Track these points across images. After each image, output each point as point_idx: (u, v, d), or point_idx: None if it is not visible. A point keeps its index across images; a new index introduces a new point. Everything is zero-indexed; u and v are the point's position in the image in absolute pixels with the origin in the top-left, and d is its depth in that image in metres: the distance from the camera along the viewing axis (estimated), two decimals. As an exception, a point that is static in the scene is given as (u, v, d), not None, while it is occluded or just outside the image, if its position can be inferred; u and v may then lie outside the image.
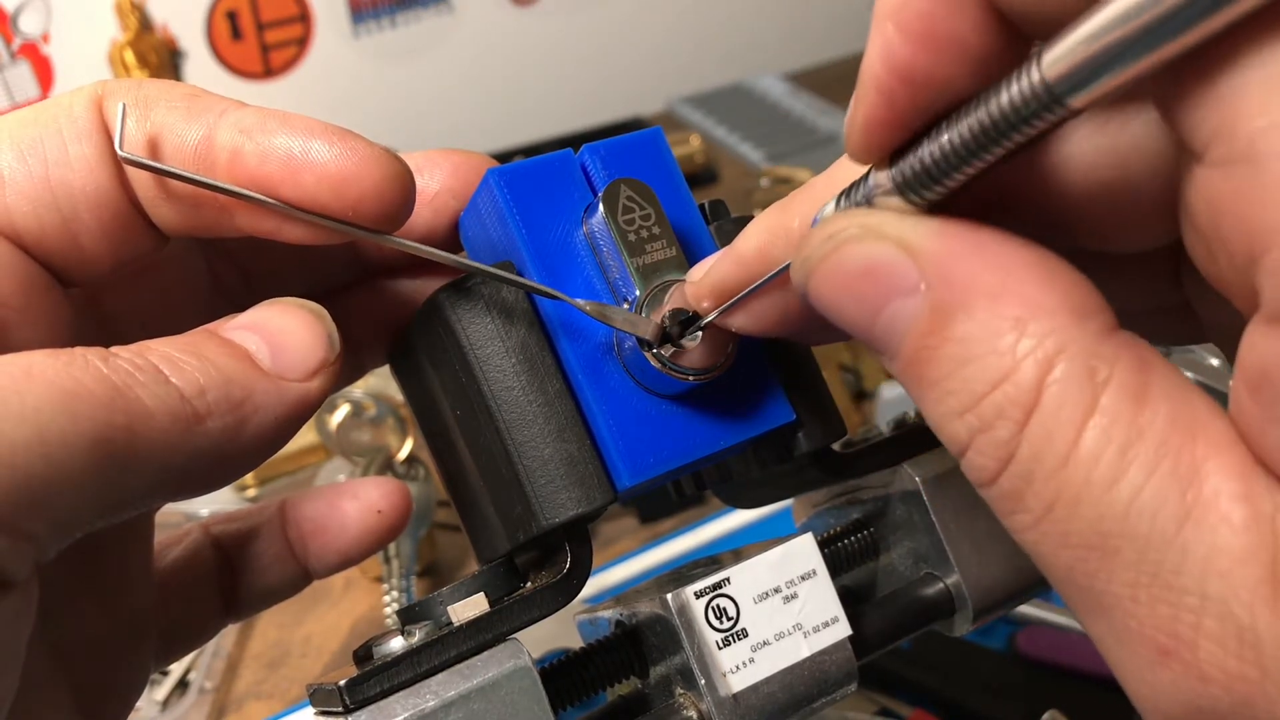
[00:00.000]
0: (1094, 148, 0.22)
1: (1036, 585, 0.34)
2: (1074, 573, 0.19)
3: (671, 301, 0.28)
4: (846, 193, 0.23)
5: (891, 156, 0.22)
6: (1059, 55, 0.18)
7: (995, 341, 0.19)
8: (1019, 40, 0.20)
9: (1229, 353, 0.19)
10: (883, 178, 0.22)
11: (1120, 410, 0.18)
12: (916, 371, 0.21)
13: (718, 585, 0.29)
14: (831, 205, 0.24)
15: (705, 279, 0.27)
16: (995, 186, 0.23)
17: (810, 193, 0.25)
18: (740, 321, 0.27)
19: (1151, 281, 0.25)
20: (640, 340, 0.28)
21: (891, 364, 0.22)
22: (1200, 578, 0.17)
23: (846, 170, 0.25)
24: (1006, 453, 0.19)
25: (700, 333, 0.27)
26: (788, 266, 0.24)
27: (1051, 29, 0.18)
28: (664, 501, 0.77)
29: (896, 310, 0.21)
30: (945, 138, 0.20)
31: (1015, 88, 0.19)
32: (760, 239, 0.26)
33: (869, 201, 0.22)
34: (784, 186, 1.06)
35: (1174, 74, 0.18)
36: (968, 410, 0.20)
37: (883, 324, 0.21)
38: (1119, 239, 0.24)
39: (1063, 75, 0.18)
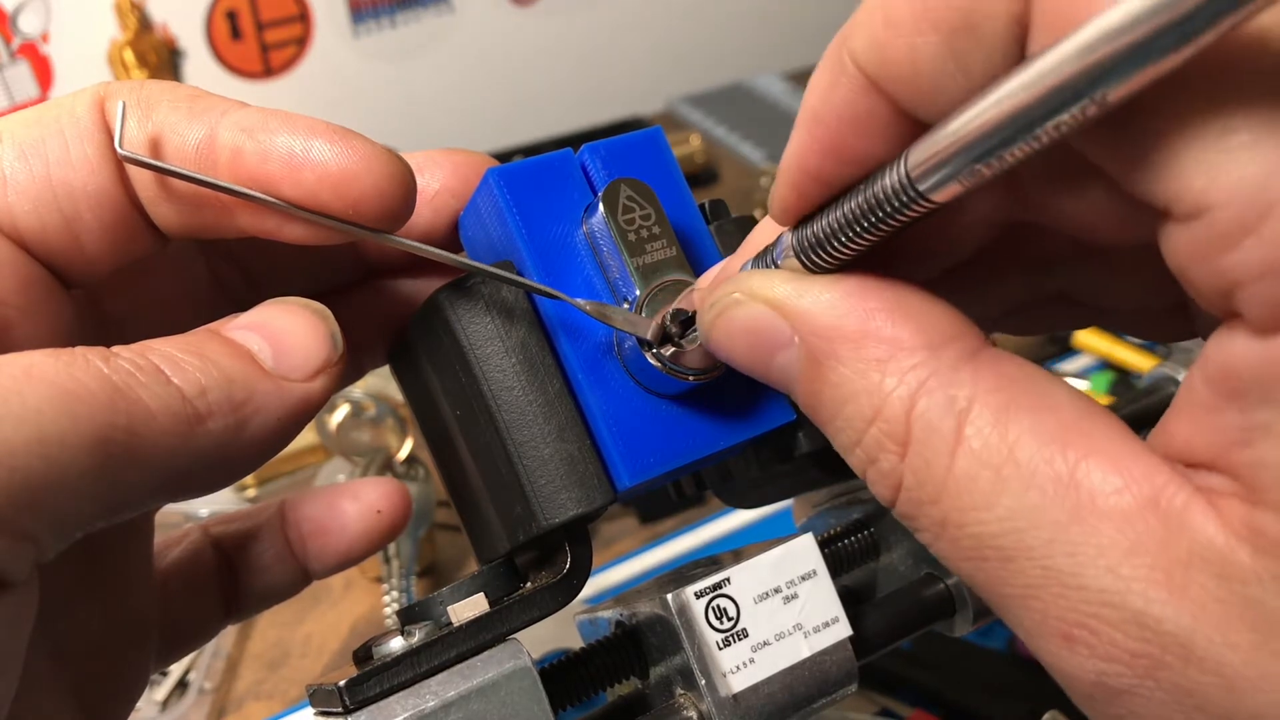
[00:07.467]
0: (1066, 203, 0.23)
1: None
2: (976, 578, 0.21)
3: (679, 304, 0.28)
4: (761, 254, 0.25)
5: (797, 223, 0.24)
6: (920, 154, 0.20)
7: (863, 382, 0.21)
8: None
9: None
10: (788, 242, 0.24)
11: (986, 434, 0.20)
12: (811, 412, 0.23)
13: (718, 585, 0.29)
14: (749, 264, 0.26)
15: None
16: (1008, 199, 0.24)
17: None
18: None
19: (1149, 278, 0.25)
20: (640, 340, 0.28)
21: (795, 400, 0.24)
22: (1092, 575, 0.19)
23: None
24: (894, 481, 0.22)
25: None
26: None
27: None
28: (664, 501, 0.77)
29: (782, 360, 0.23)
30: (832, 216, 0.22)
31: (884, 181, 0.21)
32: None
33: (775, 262, 0.24)
34: (784, 186, 1.06)
35: (1110, 150, 0.19)
36: (856, 444, 0.22)
37: (775, 372, 0.24)
38: (1111, 242, 0.24)
39: (923, 172, 0.20)
